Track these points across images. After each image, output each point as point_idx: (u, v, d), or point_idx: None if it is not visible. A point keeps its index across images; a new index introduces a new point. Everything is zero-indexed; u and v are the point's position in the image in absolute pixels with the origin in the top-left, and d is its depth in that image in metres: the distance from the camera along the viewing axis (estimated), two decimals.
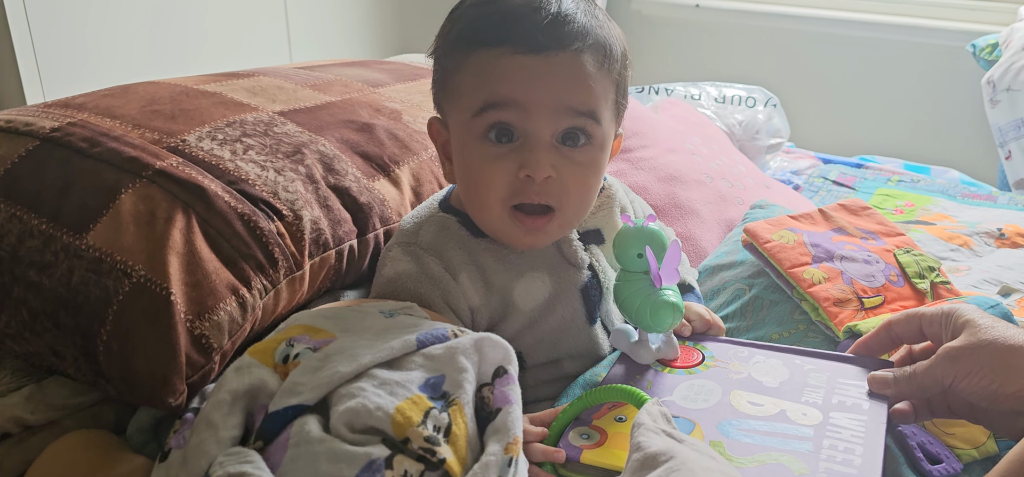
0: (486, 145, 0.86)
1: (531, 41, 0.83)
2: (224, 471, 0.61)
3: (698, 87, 2.17)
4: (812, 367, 0.90)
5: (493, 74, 0.85)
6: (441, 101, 0.93)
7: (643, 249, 0.89)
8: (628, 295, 0.89)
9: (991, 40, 2.33)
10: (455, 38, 0.89)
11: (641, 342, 0.91)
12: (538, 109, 0.84)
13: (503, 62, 0.84)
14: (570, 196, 0.89)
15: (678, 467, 0.64)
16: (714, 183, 1.48)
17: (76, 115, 0.94)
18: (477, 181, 0.88)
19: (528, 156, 0.85)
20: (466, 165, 0.89)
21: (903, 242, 1.19)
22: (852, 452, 0.77)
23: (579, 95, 0.85)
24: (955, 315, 0.80)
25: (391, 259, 0.92)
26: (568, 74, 0.85)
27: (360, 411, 0.63)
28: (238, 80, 1.13)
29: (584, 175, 0.89)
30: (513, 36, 0.84)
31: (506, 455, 0.65)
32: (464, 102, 0.87)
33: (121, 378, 0.80)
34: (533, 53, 0.83)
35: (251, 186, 0.89)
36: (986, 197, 1.83)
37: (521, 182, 0.86)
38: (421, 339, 0.71)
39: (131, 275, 0.79)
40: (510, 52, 0.83)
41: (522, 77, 0.84)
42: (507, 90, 0.84)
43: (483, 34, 0.85)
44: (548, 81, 0.84)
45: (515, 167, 0.86)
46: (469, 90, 0.87)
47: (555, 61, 0.84)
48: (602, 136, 0.89)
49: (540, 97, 0.84)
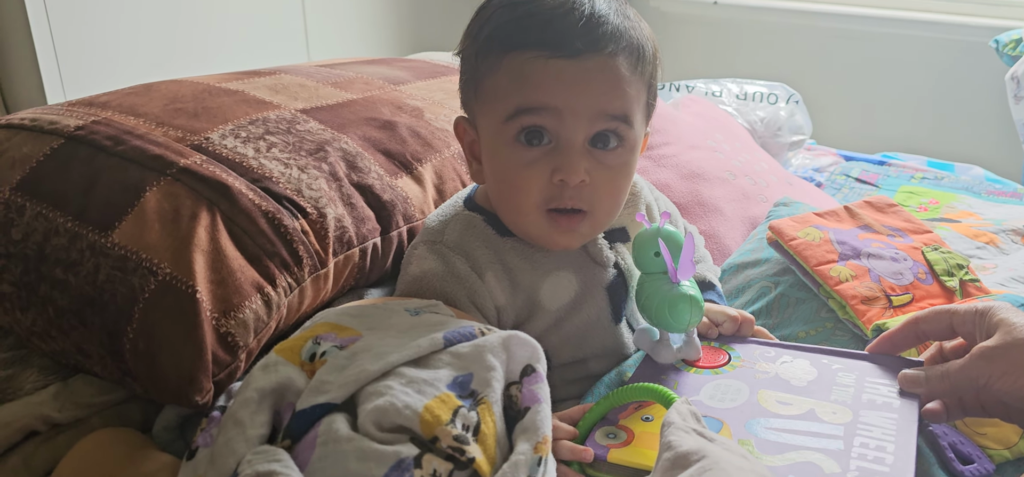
0: (518, 148, 0.86)
1: (566, 45, 0.82)
2: (252, 469, 0.60)
3: (719, 84, 2.16)
4: (840, 366, 0.89)
5: (528, 79, 0.84)
6: (470, 102, 0.92)
7: (659, 247, 0.89)
8: (648, 295, 0.89)
9: (1015, 35, 2.30)
10: (487, 39, 0.87)
11: (662, 342, 0.90)
12: (573, 114, 0.84)
13: (537, 66, 0.83)
14: (601, 199, 0.88)
15: (711, 466, 0.63)
16: (737, 180, 1.46)
17: (100, 113, 0.94)
18: (512, 185, 0.88)
19: (562, 161, 0.84)
20: (499, 169, 0.89)
21: (931, 239, 1.17)
22: (883, 450, 0.76)
23: (614, 101, 0.85)
24: (989, 314, 0.79)
25: (417, 257, 0.92)
26: (603, 79, 0.84)
27: (388, 409, 0.63)
28: (260, 78, 1.13)
29: (615, 178, 0.89)
30: (548, 40, 0.83)
31: (535, 454, 0.64)
32: (497, 106, 0.86)
33: (147, 376, 0.80)
34: (568, 57, 0.83)
35: (275, 184, 0.89)
36: (1011, 194, 1.81)
37: (556, 187, 0.86)
38: (448, 337, 0.71)
39: (157, 273, 0.79)
40: (546, 56, 0.83)
41: (557, 82, 0.83)
42: (541, 95, 0.83)
43: (517, 37, 0.84)
44: (583, 87, 0.83)
45: (548, 171, 0.85)
46: (502, 94, 0.86)
47: (590, 66, 0.83)
48: (633, 138, 0.88)
49: (575, 103, 0.83)
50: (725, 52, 2.88)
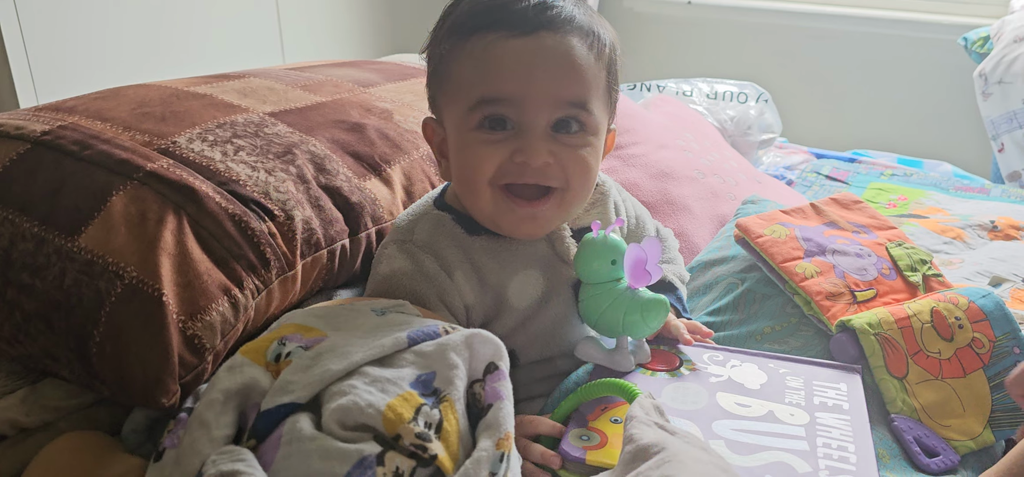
0: (480, 133, 0.87)
1: (522, 22, 0.85)
2: (217, 469, 0.61)
3: (690, 83, 2.18)
4: (786, 370, 0.92)
5: (489, 63, 0.86)
6: (436, 96, 0.94)
7: (617, 256, 0.89)
8: (609, 305, 0.89)
9: (982, 33, 2.33)
10: (449, 29, 0.90)
11: (620, 349, 0.91)
12: (532, 101, 0.85)
13: (497, 47, 0.85)
14: (572, 174, 0.89)
15: (669, 458, 0.64)
16: (706, 179, 1.48)
17: (67, 118, 0.94)
18: (468, 164, 0.89)
19: (523, 143, 0.86)
20: (459, 152, 0.90)
21: (895, 235, 1.19)
22: (846, 449, 0.78)
23: (572, 86, 0.86)
24: None
25: (386, 257, 0.92)
26: (561, 60, 0.86)
27: (351, 408, 0.64)
28: (228, 82, 1.13)
29: (582, 157, 0.89)
30: (504, 19, 0.85)
31: (498, 450, 0.65)
32: (461, 95, 0.88)
33: (114, 379, 0.80)
34: (524, 34, 0.85)
35: (242, 187, 0.89)
36: (979, 190, 1.84)
37: (514, 165, 0.87)
38: (412, 336, 0.71)
39: (123, 277, 0.79)
40: (504, 36, 0.85)
41: (516, 66, 0.85)
42: (502, 84, 0.85)
43: (475, 20, 0.87)
44: (542, 70, 0.85)
45: (508, 151, 0.86)
46: (466, 82, 0.87)
47: (547, 44, 0.85)
48: (595, 124, 0.89)
49: (534, 90, 0.85)
50: (696, 51, 2.90)
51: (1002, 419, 0.92)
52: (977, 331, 0.98)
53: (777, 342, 1.04)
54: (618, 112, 0.92)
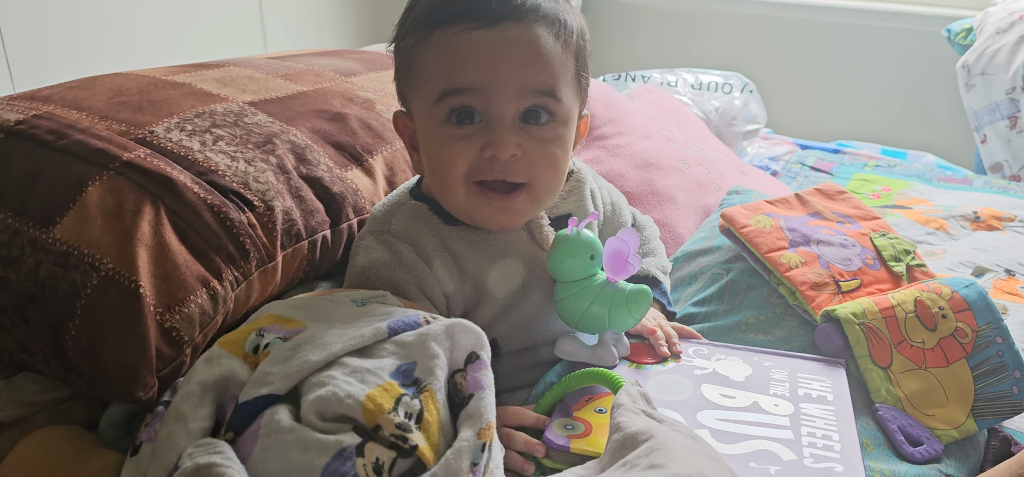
0: (449, 127, 0.86)
1: (486, 13, 0.84)
2: (193, 462, 0.60)
3: (674, 74, 2.17)
4: (771, 363, 0.93)
5: (452, 55, 0.85)
6: (404, 91, 0.93)
7: (594, 252, 0.89)
8: (592, 301, 0.88)
9: (966, 24, 2.34)
10: (412, 22, 0.89)
11: (603, 344, 0.90)
12: (499, 92, 0.84)
13: (462, 40, 0.84)
14: (539, 170, 0.88)
15: (658, 446, 0.63)
16: (691, 170, 1.48)
17: (41, 107, 0.93)
18: (440, 161, 0.88)
19: (492, 136, 0.85)
20: (429, 148, 0.89)
21: (879, 225, 1.19)
22: (830, 439, 0.79)
23: (538, 74, 0.85)
24: None
25: (364, 247, 0.91)
26: (526, 49, 0.85)
27: (330, 399, 0.63)
28: (208, 71, 1.12)
29: (550, 150, 0.88)
30: (467, 11, 0.84)
31: (479, 440, 0.64)
32: (427, 88, 0.87)
33: (91, 372, 0.79)
34: (488, 26, 0.83)
35: (221, 177, 0.88)
36: (962, 181, 1.84)
37: (485, 161, 0.86)
38: (392, 326, 0.70)
39: (99, 268, 0.78)
40: (468, 29, 0.84)
41: (481, 57, 0.84)
42: (467, 74, 0.84)
43: (440, 13, 0.86)
44: (507, 61, 0.84)
45: (478, 146, 0.86)
46: (431, 75, 0.86)
47: (511, 35, 0.84)
48: (564, 112, 0.89)
49: (500, 80, 0.84)
50: (681, 42, 2.90)
51: (985, 408, 0.92)
52: (960, 321, 0.98)
53: (762, 332, 1.04)
54: (602, 102, 0.92)
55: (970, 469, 0.87)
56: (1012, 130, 2.18)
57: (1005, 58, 2.16)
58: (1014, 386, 0.94)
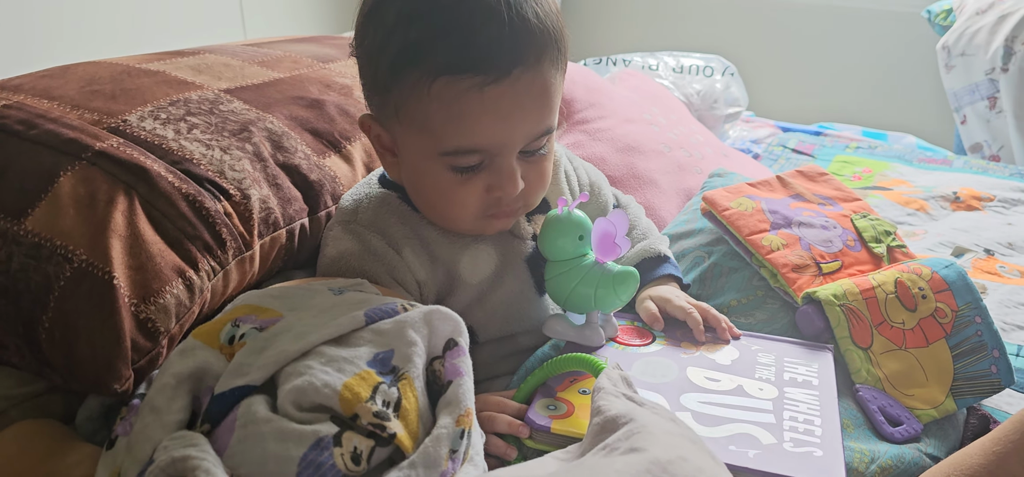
0: (451, 174, 0.84)
1: (497, 63, 0.77)
2: (168, 455, 0.59)
3: (656, 57, 2.17)
4: (758, 347, 0.93)
5: (462, 117, 0.79)
6: (383, 115, 0.87)
7: (583, 232, 0.88)
8: (579, 281, 0.88)
9: (945, 6, 2.35)
10: (403, 55, 0.80)
11: (590, 325, 0.90)
12: (510, 146, 0.83)
13: (471, 99, 0.78)
14: (534, 193, 0.90)
15: (638, 430, 0.63)
16: (672, 153, 1.47)
17: (12, 97, 0.91)
18: (447, 201, 0.87)
19: (497, 179, 0.84)
20: (428, 186, 0.87)
21: (859, 207, 1.19)
22: (812, 423, 0.79)
23: (545, 118, 0.84)
24: None
25: (332, 239, 0.90)
26: (535, 101, 0.82)
27: (307, 389, 0.62)
28: (182, 58, 1.10)
29: (544, 170, 0.89)
30: (477, 59, 0.77)
31: (458, 427, 0.64)
32: (425, 137, 0.82)
33: (65, 365, 0.78)
34: (499, 80, 0.78)
35: (196, 166, 0.87)
36: (942, 161, 1.85)
37: (493, 199, 0.86)
38: (370, 315, 0.70)
39: (72, 260, 0.77)
40: (478, 86, 0.77)
41: (493, 120, 0.80)
42: (479, 138, 0.81)
43: (441, 57, 0.77)
44: (518, 119, 0.81)
45: (483, 187, 0.85)
46: (436, 128, 0.81)
47: (521, 87, 0.80)
48: (554, 127, 0.88)
49: (511, 139, 0.83)
50: (662, 25, 2.89)
51: (964, 388, 0.93)
52: (940, 301, 0.98)
53: (743, 315, 1.04)
54: (583, 86, 0.91)
55: (949, 448, 0.87)
56: (991, 111, 2.19)
57: (984, 39, 2.17)
58: (993, 366, 0.94)
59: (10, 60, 1.76)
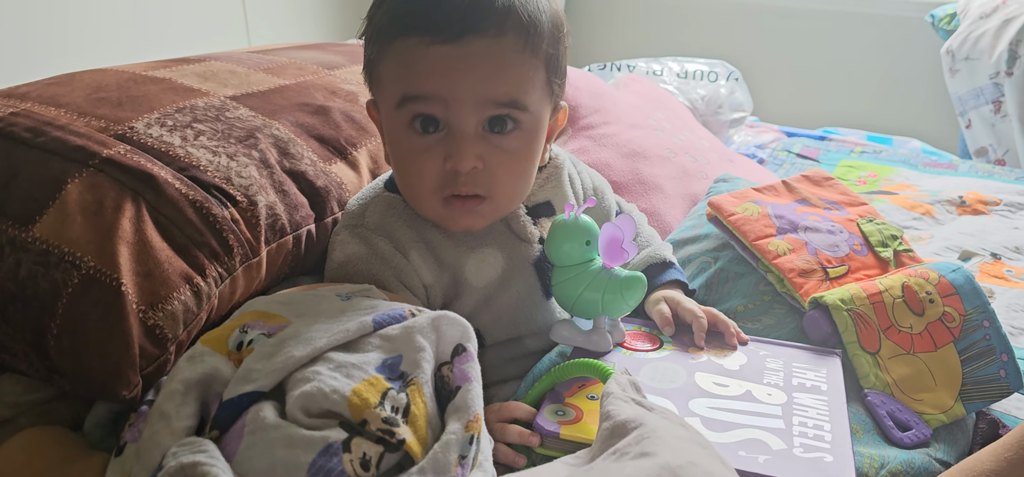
0: (412, 135, 0.85)
1: (448, 28, 0.80)
2: (177, 462, 0.59)
3: (660, 63, 2.17)
4: (766, 353, 0.92)
5: (410, 66, 0.82)
6: (371, 88, 0.92)
7: (590, 237, 0.88)
8: (586, 287, 0.88)
9: (949, 10, 2.35)
10: (378, 25, 0.86)
11: (598, 330, 0.90)
12: (459, 103, 0.82)
13: (419, 53, 0.81)
14: (499, 184, 0.87)
15: (648, 434, 0.63)
16: (677, 158, 1.47)
17: (19, 105, 0.91)
18: (408, 172, 0.87)
19: (452, 147, 0.83)
20: (396, 154, 0.88)
21: (866, 211, 1.19)
22: (821, 428, 0.79)
23: (500, 86, 0.83)
24: None
25: (339, 243, 0.91)
26: (487, 64, 0.82)
27: (316, 394, 0.62)
28: (188, 65, 1.11)
29: (512, 162, 0.87)
30: (430, 23, 0.80)
31: (467, 433, 0.63)
32: (387, 92, 0.86)
33: (73, 372, 0.78)
34: (449, 42, 0.80)
35: (203, 172, 0.87)
36: (947, 166, 1.85)
37: (450, 173, 0.85)
38: (378, 320, 0.70)
39: (80, 266, 0.77)
40: (427, 42, 0.80)
41: (440, 70, 0.81)
42: (425, 84, 0.82)
43: (402, 21, 0.82)
44: (466, 74, 0.81)
45: (441, 158, 0.84)
46: (390, 81, 0.85)
47: (471, 50, 0.81)
48: (532, 121, 0.86)
49: (459, 92, 0.81)
50: (666, 31, 2.89)
51: (973, 392, 0.92)
52: (947, 305, 0.98)
53: (750, 320, 1.04)
54: (588, 92, 0.90)
55: (958, 453, 0.87)
56: (996, 115, 2.19)
57: (989, 43, 2.17)
58: (1001, 370, 0.94)
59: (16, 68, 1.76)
